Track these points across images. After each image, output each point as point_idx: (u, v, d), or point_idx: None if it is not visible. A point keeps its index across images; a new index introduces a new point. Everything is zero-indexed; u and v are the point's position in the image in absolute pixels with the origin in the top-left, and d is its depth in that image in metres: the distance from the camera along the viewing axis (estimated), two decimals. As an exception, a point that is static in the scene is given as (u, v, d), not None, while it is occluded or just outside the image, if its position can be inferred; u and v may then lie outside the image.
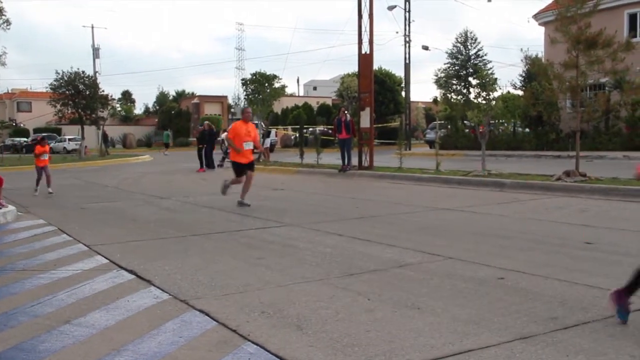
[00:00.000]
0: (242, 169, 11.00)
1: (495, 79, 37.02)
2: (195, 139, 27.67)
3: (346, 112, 19.21)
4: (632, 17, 26.67)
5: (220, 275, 5.52)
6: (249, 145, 10.97)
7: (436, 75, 41.95)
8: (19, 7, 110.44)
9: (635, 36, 24.48)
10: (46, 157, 14.81)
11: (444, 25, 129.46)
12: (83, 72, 37.67)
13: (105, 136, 41.05)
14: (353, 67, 71.50)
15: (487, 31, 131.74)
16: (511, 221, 8.46)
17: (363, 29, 18.60)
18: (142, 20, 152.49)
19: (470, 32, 41.79)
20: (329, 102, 60.96)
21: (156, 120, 70.93)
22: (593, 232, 7.29)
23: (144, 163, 30.92)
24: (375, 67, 27.59)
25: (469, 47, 41.76)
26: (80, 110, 37.25)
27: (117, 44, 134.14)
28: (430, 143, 33.25)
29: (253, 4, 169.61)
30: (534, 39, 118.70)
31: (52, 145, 52.31)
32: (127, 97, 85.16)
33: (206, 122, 26.39)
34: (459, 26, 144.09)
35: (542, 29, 29.95)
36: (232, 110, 70.06)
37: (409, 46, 35.17)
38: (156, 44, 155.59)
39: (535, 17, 30.60)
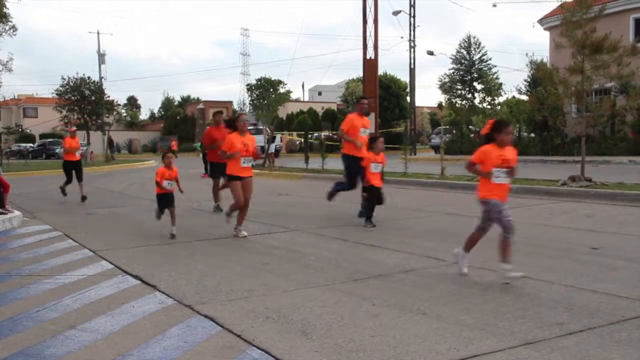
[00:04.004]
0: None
1: (500, 84, 37.05)
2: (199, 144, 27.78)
3: (351, 117, 19.20)
4: (638, 22, 26.59)
5: (225, 281, 5.53)
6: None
7: (441, 81, 42.08)
8: (20, 13, 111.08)
9: (640, 41, 24.44)
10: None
11: (445, 29, 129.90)
12: (89, 77, 37.93)
13: (110, 142, 41.22)
14: (358, 72, 71.80)
15: (490, 36, 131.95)
16: (516, 226, 8.42)
17: (368, 34, 18.66)
18: (144, 26, 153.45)
19: (474, 37, 41.92)
20: (334, 107, 61.08)
21: (161, 125, 71.21)
22: (599, 237, 7.26)
23: (150, 168, 30.99)
24: (380, 72, 27.66)
25: (473, 52, 41.82)
26: (86, 116, 37.45)
27: (120, 50, 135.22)
28: (436, 148, 33.26)
29: (256, 9, 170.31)
30: (538, 43, 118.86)
31: (58, 150, 52.73)
32: (132, 102, 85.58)
33: None
34: (460, 30, 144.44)
35: (547, 33, 29.94)
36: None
37: (414, 51, 35.13)
38: (159, 49, 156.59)
39: (540, 21, 30.58)
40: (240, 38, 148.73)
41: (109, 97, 40.13)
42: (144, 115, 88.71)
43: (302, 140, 33.35)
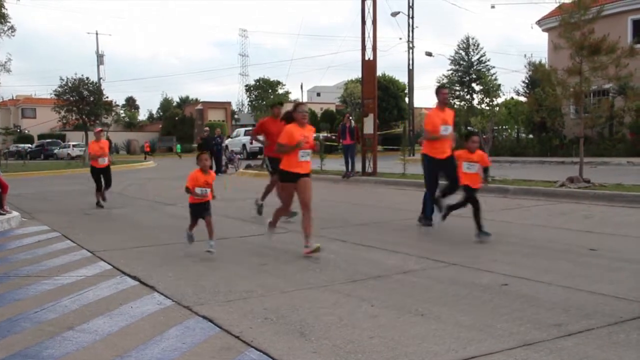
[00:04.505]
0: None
1: (499, 85, 37.10)
2: (197, 145, 27.92)
3: (350, 118, 19.25)
4: (636, 23, 26.64)
5: (224, 282, 5.52)
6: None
7: (439, 82, 42.12)
8: (19, 14, 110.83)
9: (639, 42, 24.45)
10: None
11: (444, 30, 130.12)
12: (87, 78, 37.94)
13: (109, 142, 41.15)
14: (357, 73, 71.75)
15: (489, 37, 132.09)
16: (515, 227, 8.44)
17: (366, 35, 18.64)
18: (144, 26, 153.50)
19: (473, 38, 42.00)
20: (332, 108, 61.03)
21: (160, 126, 71.13)
22: (597, 238, 7.26)
23: (148, 169, 30.98)
24: (379, 73, 27.66)
25: (472, 53, 41.89)
26: (84, 117, 37.42)
27: (119, 51, 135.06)
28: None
29: (255, 10, 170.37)
30: (536, 45, 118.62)
31: (56, 151, 52.72)
32: (130, 103, 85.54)
33: (216, 128, 26.59)
34: (459, 31, 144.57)
35: (546, 35, 29.97)
36: (236, 116, 70.23)
37: (413, 52, 35.16)
38: (158, 50, 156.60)
39: (539, 23, 30.62)
40: (239, 39, 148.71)
41: (107, 97, 40.18)
42: (142, 116, 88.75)
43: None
